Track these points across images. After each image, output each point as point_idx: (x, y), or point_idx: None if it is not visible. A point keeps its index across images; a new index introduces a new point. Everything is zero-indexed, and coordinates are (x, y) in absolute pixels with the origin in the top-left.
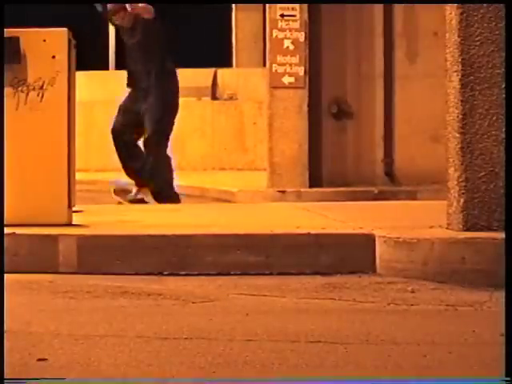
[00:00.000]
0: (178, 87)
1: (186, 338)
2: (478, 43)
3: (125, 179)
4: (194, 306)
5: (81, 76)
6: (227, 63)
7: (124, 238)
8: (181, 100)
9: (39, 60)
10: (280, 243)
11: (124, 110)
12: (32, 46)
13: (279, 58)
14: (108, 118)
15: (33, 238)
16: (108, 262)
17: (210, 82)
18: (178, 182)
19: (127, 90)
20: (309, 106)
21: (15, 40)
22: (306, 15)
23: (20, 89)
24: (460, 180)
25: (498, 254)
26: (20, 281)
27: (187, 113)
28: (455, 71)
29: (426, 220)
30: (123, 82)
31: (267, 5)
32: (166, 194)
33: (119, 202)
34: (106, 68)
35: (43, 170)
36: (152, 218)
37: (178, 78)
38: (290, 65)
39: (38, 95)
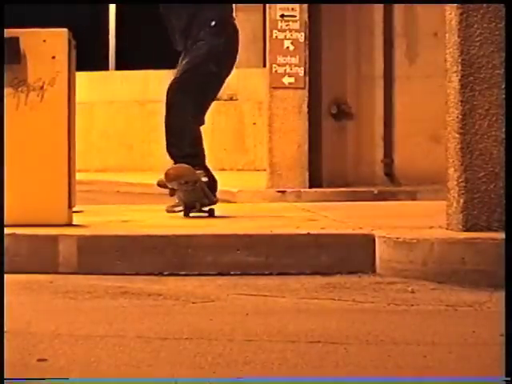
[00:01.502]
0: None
1: (186, 338)
2: (477, 44)
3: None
4: (194, 306)
5: (81, 76)
6: None
7: (124, 238)
8: None
9: (39, 60)
10: (280, 243)
11: None
12: (32, 47)
13: (279, 59)
14: (108, 118)
15: (33, 238)
16: (108, 263)
17: None
18: None
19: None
20: (309, 106)
21: (15, 40)
22: (305, 15)
23: (20, 89)
24: (460, 180)
25: (498, 255)
26: (20, 281)
27: None
28: (455, 72)
29: (425, 220)
30: (123, 82)
31: (267, 5)
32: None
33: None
34: (106, 68)
35: (43, 169)
36: (152, 218)
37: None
38: (290, 65)
39: (37, 95)
